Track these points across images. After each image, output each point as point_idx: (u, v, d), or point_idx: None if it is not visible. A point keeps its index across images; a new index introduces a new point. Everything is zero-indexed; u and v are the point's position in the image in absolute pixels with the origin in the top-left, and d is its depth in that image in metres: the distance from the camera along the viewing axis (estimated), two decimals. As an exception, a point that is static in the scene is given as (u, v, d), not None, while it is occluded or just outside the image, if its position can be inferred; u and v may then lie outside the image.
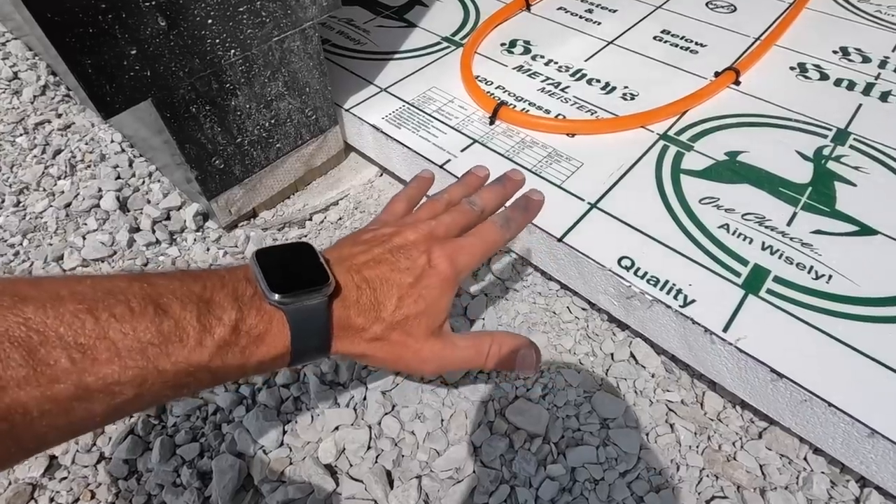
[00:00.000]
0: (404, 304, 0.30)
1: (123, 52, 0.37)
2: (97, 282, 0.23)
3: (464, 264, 0.32)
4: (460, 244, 0.33)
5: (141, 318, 0.23)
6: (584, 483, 0.39)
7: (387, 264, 0.31)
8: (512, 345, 0.34)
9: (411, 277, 0.31)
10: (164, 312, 0.23)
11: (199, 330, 0.24)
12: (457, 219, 0.34)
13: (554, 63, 0.67)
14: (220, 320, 0.25)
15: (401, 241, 0.32)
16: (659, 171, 0.52)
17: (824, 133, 0.57)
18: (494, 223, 0.35)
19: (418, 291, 0.31)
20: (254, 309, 0.26)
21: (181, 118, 0.44)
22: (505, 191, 0.38)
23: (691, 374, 0.45)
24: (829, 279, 0.43)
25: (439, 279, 0.31)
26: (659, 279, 0.43)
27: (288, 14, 0.46)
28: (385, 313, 0.30)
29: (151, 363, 0.23)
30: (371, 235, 0.33)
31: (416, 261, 0.31)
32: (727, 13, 0.76)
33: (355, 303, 0.29)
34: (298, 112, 0.54)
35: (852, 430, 0.36)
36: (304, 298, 0.27)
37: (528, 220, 0.37)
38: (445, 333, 0.33)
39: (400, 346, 0.31)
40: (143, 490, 0.40)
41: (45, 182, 0.60)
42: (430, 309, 0.31)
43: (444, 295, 0.32)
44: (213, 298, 0.25)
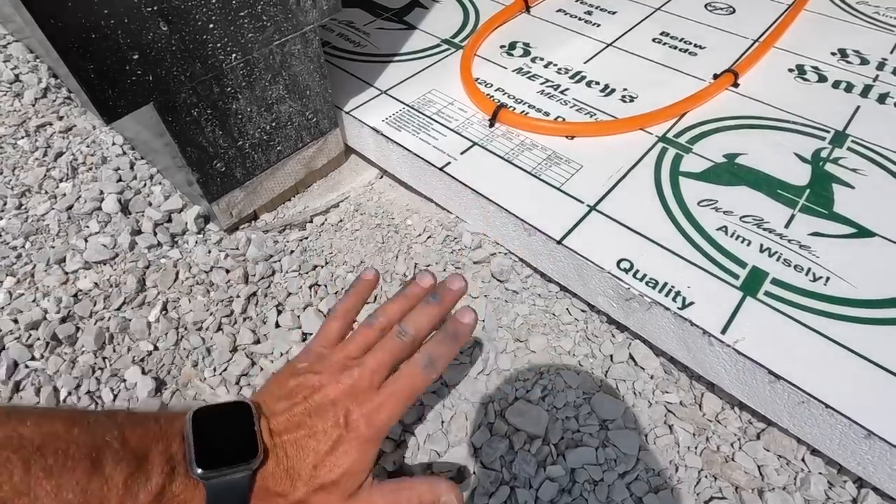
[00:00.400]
0: (319, 474, 0.30)
1: (125, 56, 0.37)
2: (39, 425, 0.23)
3: (384, 422, 0.32)
4: (381, 402, 0.32)
5: (72, 473, 0.23)
6: (584, 484, 0.39)
7: (304, 428, 0.31)
8: (432, 496, 0.32)
9: (327, 445, 0.30)
10: (96, 469, 0.23)
11: (123, 493, 0.24)
12: (383, 359, 0.33)
13: (553, 65, 0.67)
14: (147, 484, 0.25)
15: (320, 400, 0.32)
16: (658, 174, 0.52)
17: (822, 135, 0.57)
18: (417, 366, 0.33)
19: (333, 459, 0.30)
20: (181, 475, 0.26)
21: (183, 122, 0.44)
22: (442, 309, 0.36)
23: (690, 375, 0.46)
24: (826, 281, 0.43)
25: (357, 443, 0.31)
26: (658, 281, 0.43)
27: (289, 18, 0.46)
28: (299, 483, 0.30)
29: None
30: (296, 384, 0.33)
31: (334, 425, 0.31)
32: (726, 15, 0.77)
33: (272, 473, 0.29)
34: (299, 115, 0.54)
35: (849, 431, 0.36)
36: (229, 473, 0.27)
37: (455, 349, 0.35)
38: (364, 495, 0.31)
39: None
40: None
41: (47, 184, 0.60)
42: (344, 475, 0.30)
43: (363, 457, 0.31)
44: (146, 457, 0.25)
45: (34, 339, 0.47)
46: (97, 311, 0.49)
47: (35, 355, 0.46)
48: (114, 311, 0.49)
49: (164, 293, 0.50)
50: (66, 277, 0.51)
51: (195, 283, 0.51)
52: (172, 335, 0.48)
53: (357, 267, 0.53)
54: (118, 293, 0.50)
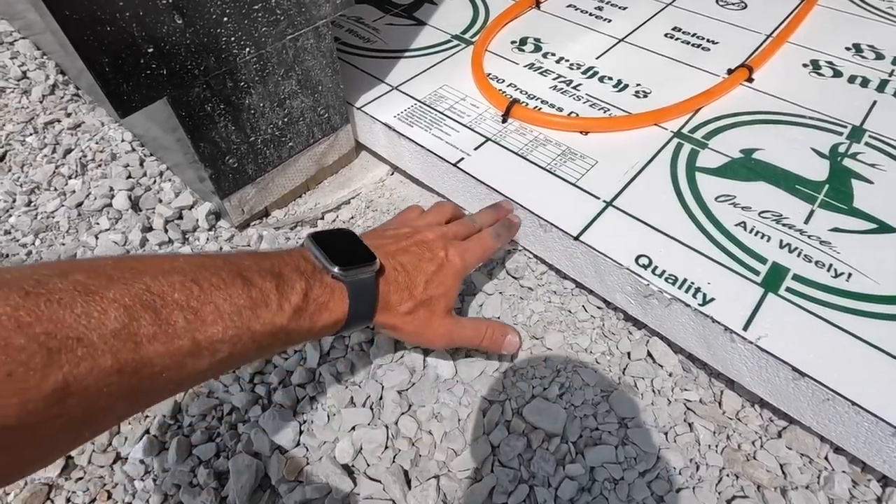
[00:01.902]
0: (430, 287, 0.37)
1: (140, 49, 0.37)
2: (188, 259, 0.27)
3: (470, 261, 0.41)
4: (466, 246, 0.41)
5: (233, 287, 0.27)
6: (604, 483, 0.39)
7: (415, 254, 0.38)
8: (503, 330, 0.42)
9: (434, 266, 0.38)
10: (250, 282, 0.28)
11: (279, 297, 0.28)
12: (461, 229, 0.43)
13: (565, 61, 0.66)
14: (294, 289, 0.29)
15: (422, 238, 0.40)
16: (674, 169, 0.52)
17: (839, 130, 0.56)
18: (489, 233, 0.44)
19: (440, 278, 0.38)
20: (317, 281, 0.31)
21: (196, 117, 0.44)
22: (496, 214, 0.47)
23: (709, 372, 0.45)
24: (848, 277, 0.43)
25: (454, 270, 0.39)
26: (677, 277, 0.43)
27: (302, 12, 0.46)
28: (416, 292, 0.37)
29: (245, 324, 0.27)
30: (394, 232, 0.40)
31: (437, 254, 0.39)
32: (738, 10, 0.76)
33: (394, 281, 0.36)
34: (311, 111, 0.54)
35: (875, 429, 0.35)
36: (358, 273, 0.33)
37: (511, 235, 0.47)
38: (455, 315, 0.40)
39: (423, 321, 0.37)
40: (160, 490, 0.40)
41: (57, 181, 0.60)
42: (447, 292, 0.39)
43: (456, 283, 0.40)
44: (282, 272, 0.30)
45: (46, 337, 0.46)
46: (109, 308, 0.48)
47: (47, 353, 0.46)
48: (126, 308, 0.48)
49: (177, 290, 0.50)
50: (78, 275, 0.51)
51: (207, 281, 0.51)
52: (185, 332, 0.47)
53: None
54: (130, 290, 0.49)
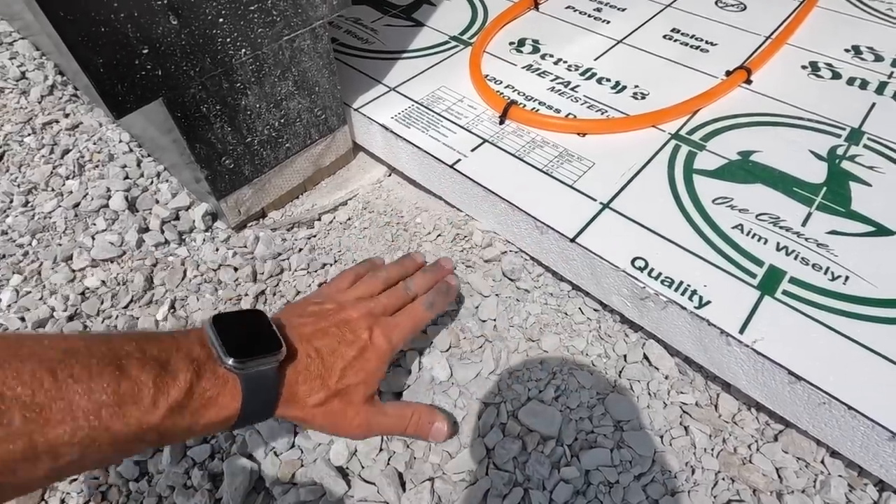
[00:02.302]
0: (348, 375, 0.34)
1: (135, 50, 0.37)
2: (60, 341, 0.24)
3: (397, 340, 0.38)
4: (395, 323, 0.38)
5: (99, 378, 0.23)
6: (599, 486, 0.39)
7: (334, 337, 0.35)
8: (430, 417, 0.39)
9: (355, 350, 0.35)
10: (124, 373, 0.24)
11: (155, 391, 0.25)
12: (392, 300, 0.40)
13: (563, 62, 0.66)
14: (176, 381, 0.26)
15: (345, 317, 0.36)
16: (671, 171, 0.52)
17: (838, 132, 0.56)
18: (422, 304, 0.41)
19: (360, 363, 0.35)
20: (208, 372, 0.27)
21: (192, 118, 0.44)
22: (435, 277, 0.44)
23: (705, 375, 0.45)
24: (845, 280, 0.43)
25: (378, 353, 0.36)
26: (673, 280, 0.43)
27: (298, 13, 0.46)
28: (331, 381, 0.33)
29: (104, 424, 0.23)
30: (317, 308, 0.37)
31: (360, 335, 0.36)
32: (737, 11, 0.76)
33: (305, 370, 0.32)
34: (308, 111, 0.54)
35: (872, 433, 0.35)
36: (258, 364, 0.29)
37: (448, 300, 0.43)
38: (376, 401, 0.37)
39: (337, 413, 0.34)
40: (154, 492, 0.40)
41: (54, 182, 0.60)
42: (368, 378, 0.35)
43: (380, 366, 0.36)
44: (169, 361, 0.26)
45: (41, 338, 0.46)
46: (104, 309, 0.48)
47: (42, 354, 0.46)
48: (121, 309, 0.48)
49: (172, 291, 0.50)
50: (74, 275, 0.51)
51: (203, 282, 0.51)
52: (180, 334, 0.47)
53: (366, 265, 0.53)
54: (126, 291, 0.49)
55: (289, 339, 0.32)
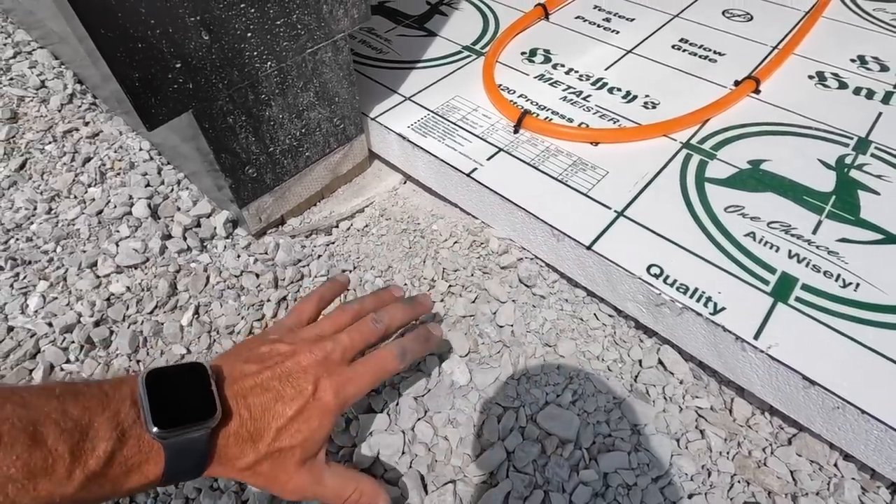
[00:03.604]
0: (281, 437, 0.31)
1: (169, 65, 0.38)
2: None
3: (350, 395, 0.33)
4: (350, 375, 0.34)
5: (10, 449, 0.22)
6: (617, 488, 0.40)
7: (272, 392, 0.31)
8: (370, 499, 0.35)
9: (293, 410, 0.31)
10: (38, 442, 0.22)
11: (70, 462, 0.23)
12: (356, 339, 0.35)
13: (574, 72, 0.68)
14: (94, 451, 0.24)
15: (292, 366, 0.33)
16: (683, 180, 0.53)
17: (845, 142, 0.57)
18: (392, 352, 0.36)
19: (297, 425, 0.31)
20: (132, 438, 0.26)
21: (218, 129, 0.45)
22: (413, 311, 0.40)
23: (719, 380, 0.46)
24: (856, 287, 0.44)
25: (322, 411, 0.32)
26: (688, 287, 0.44)
27: (321, 26, 0.47)
28: (261, 444, 0.30)
29: (9, 499, 0.22)
30: (267, 350, 0.34)
31: (302, 391, 0.32)
32: (744, 22, 0.77)
33: (235, 433, 0.30)
34: (327, 121, 0.55)
35: (885, 436, 0.36)
36: (186, 431, 0.27)
37: (424, 351, 0.38)
38: (316, 466, 0.33)
39: (268, 476, 0.31)
40: (182, 494, 0.41)
41: (76, 189, 0.61)
42: (305, 442, 0.32)
43: (322, 427, 0.32)
44: (91, 424, 0.24)
45: (69, 343, 0.47)
46: (130, 314, 0.49)
47: (70, 358, 0.47)
48: (146, 314, 0.50)
49: (196, 297, 0.51)
50: (99, 281, 0.52)
51: (226, 288, 0.52)
52: (205, 339, 0.48)
53: (385, 272, 0.54)
54: (150, 297, 0.51)
55: (225, 397, 0.30)
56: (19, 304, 0.50)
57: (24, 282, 0.52)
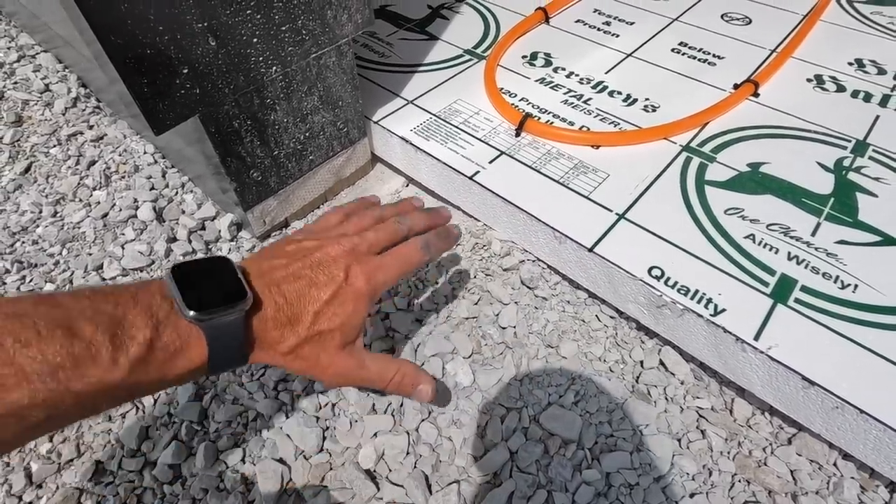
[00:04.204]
0: (319, 321, 0.32)
1: (177, 71, 0.38)
2: (4, 306, 0.23)
3: (381, 282, 0.34)
4: (379, 263, 0.35)
5: (49, 341, 0.22)
6: (620, 488, 0.40)
7: (305, 280, 0.32)
8: (413, 380, 0.36)
9: (328, 294, 0.32)
10: (74, 335, 0.23)
11: (113, 350, 0.24)
12: (381, 237, 0.36)
13: (575, 75, 0.68)
14: (134, 339, 0.25)
15: (321, 257, 0.33)
16: (684, 182, 0.53)
17: (843, 144, 0.58)
18: (416, 245, 0.37)
19: (333, 308, 0.32)
20: (169, 326, 0.26)
21: (224, 133, 0.46)
22: (432, 219, 0.41)
23: (720, 381, 0.46)
24: (855, 288, 0.44)
25: (355, 296, 0.33)
26: (689, 289, 0.44)
27: (326, 31, 0.48)
28: (300, 328, 0.31)
29: (63, 385, 0.22)
30: (294, 248, 0.34)
31: (335, 277, 0.33)
32: (742, 25, 0.78)
33: (272, 318, 0.30)
34: (331, 125, 0.55)
35: (883, 436, 0.37)
36: (220, 315, 0.28)
37: (446, 247, 0.40)
38: (357, 350, 0.34)
39: (310, 359, 0.32)
40: (188, 494, 0.41)
41: (81, 193, 0.61)
42: (343, 326, 0.32)
43: (358, 311, 0.33)
44: (125, 316, 0.25)
45: (76, 345, 0.48)
46: (136, 317, 0.50)
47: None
48: (152, 317, 0.50)
49: (201, 299, 0.51)
50: (105, 284, 0.52)
51: (231, 290, 0.52)
52: (211, 341, 0.48)
53: (388, 274, 0.54)
54: (156, 299, 0.51)
55: (255, 287, 0.30)
56: (26, 307, 0.50)
57: (31, 285, 0.52)
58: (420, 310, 0.51)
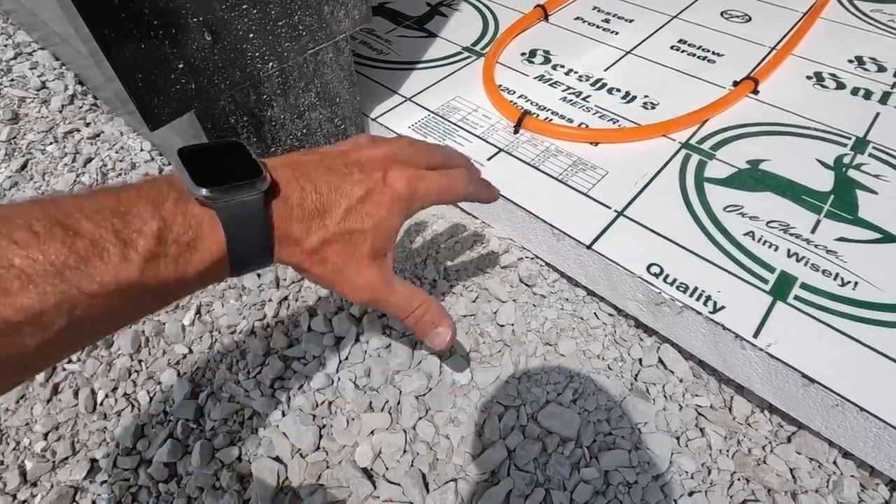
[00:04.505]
0: (350, 217, 0.28)
1: (172, 66, 0.38)
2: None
3: (422, 190, 0.31)
4: (422, 173, 0.31)
5: (48, 240, 0.20)
6: (618, 486, 0.40)
7: (338, 173, 0.29)
8: (436, 317, 0.34)
9: (363, 190, 0.29)
10: (75, 232, 0.21)
11: (120, 245, 0.22)
12: (422, 153, 0.33)
13: (574, 73, 0.68)
14: (141, 232, 0.23)
15: (358, 156, 0.30)
16: (683, 180, 0.53)
17: (843, 142, 0.58)
18: (463, 175, 0.34)
19: (367, 208, 0.29)
20: (179, 215, 0.24)
21: (221, 129, 0.45)
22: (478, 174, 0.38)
23: (719, 378, 0.46)
24: (855, 286, 0.44)
25: (392, 198, 0.30)
26: (688, 286, 0.44)
27: (323, 27, 0.47)
28: (329, 221, 0.28)
29: (74, 286, 0.21)
30: (329, 149, 0.31)
31: (372, 175, 0.30)
32: (742, 23, 0.78)
33: (298, 205, 0.27)
34: (328, 122, 0.55)
35: (883, 433, 0.36)
36: (235, 194, 0.25)
37: (487, 196, 0.37)
38: (387, 265, 0.31)
39: (338, 264, 0.29)
40: (184, 493, 0.41)
41: (78, 190, 0.61)
42: (376, 229, 0.29)
43: (393, 216, 0.30)
44: (129, 210, 0.23)
45: (71, 342, 0.47)
46: (132, 314, 0.50)
47: (72, 358, 0.47)
48: (148, 314, 0.50)
49: (198, 297, 0.51)
50: (101, 281, 0.52)
51: (227, 288, 0.52)
52: (207, 339, 0.48)
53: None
54: (152, 297, 0.51)
55: (278, 170, 0.27)
56: (21, 304, 0.50)
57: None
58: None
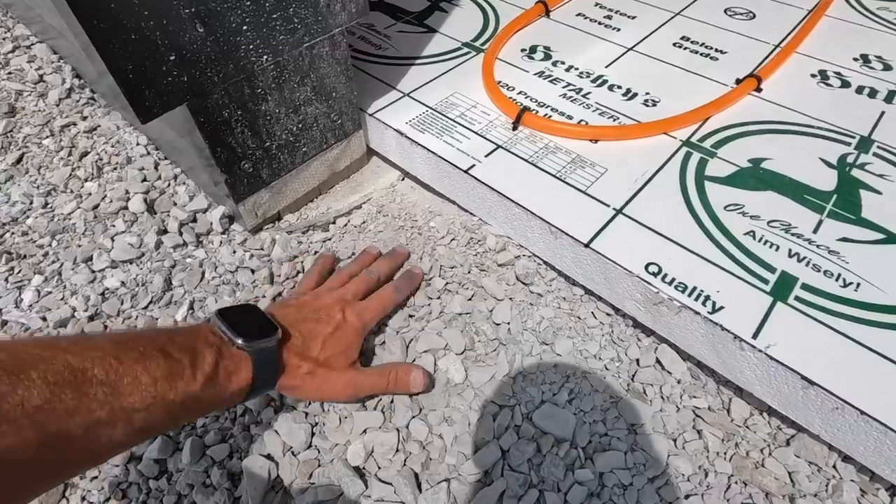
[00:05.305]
0: (327, 347, 0.41)
1: (163, 58, 0.38)
2: (109, 336, 0.31)
3: (369, 319, 0.45)
4: (365, 305, 0.45)
5: (152, 359, 0.30)
6: (613, 488, 0.39)
7: (313, 321, 0.42)
8: (406, 370, 0.43)
9: (330, 328, 0.42)
10: (168, 356, 0.31)
11: (193, 368, 0.32)
12: (360, 286, 0.47)
13: (575, 69, 0.67)
14: (206, 360, 0.33)
15: (319, 304, 0.44)
16: (683, 178, 0.52)
17: (847, 141, 0.57)
18: (390, 290, 0.47)
19: (336, 338, 0.42)
20: (227, 353, 0.35)
21: (214, 123, 0.45)
22: (394, 262, 0.51)
23: (717, 380, 0.45)
24: (857, 287, 0.43)
25: (352, 329, 0.43)
26: (687, 285, 0.43)
27: (318, 20, 0.47)
28: (313, 354, 0.40)
29: (160, 394, 0.29)
30: (296, 302, 0.44)
31: (334, 316, 0.43)
32: (746, 20, 0.77)
33: (293, 347, 0.39)
34: (325, 117, 0.54)
35: (885, 438, 0.36)
36: (262, 343, 0.36)
37: (412, 287, 0.50)
38: (357, 368, 0.43)
39: (324, 379, 0.40)
40: (174, 490, 0.40)
41: (73, 184, 0.60)
42: (347, 349, 0.42)
43: (356, 340, 0.43)
44: (195, 346, 0.33)
45: (63, 337, 0.47)
46: (125, 309, 0.49)
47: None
48: (141, 309, 0.49)
49: (191, 293, 0.51)
50: (94, 276, 0.52)
51: (221, 283, 0.52)
52: (199, 334, 0.48)
53: (381, 268, 0.53)
54: (145, 292, 0.50)
55: (280, 324, 0.39)
56: (13, 298, 0.50)
57: (19, 276, 0.51)
58: (413, 305, 0.50)
